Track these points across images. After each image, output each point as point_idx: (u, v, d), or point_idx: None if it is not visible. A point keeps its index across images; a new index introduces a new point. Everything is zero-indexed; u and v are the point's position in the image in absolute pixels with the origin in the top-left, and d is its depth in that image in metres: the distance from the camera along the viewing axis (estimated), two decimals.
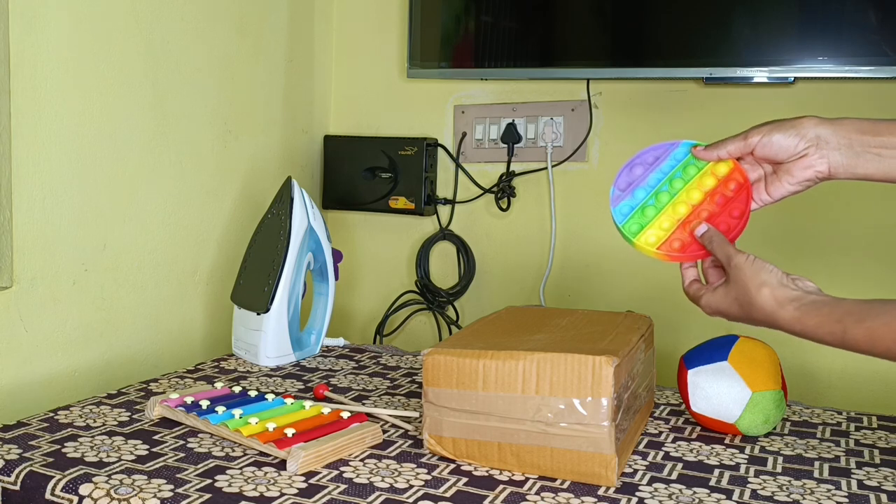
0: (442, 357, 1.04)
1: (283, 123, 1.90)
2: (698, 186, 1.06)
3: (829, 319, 0.87)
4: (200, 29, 1.64)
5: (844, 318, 0.86)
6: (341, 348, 1.62)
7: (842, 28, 1.56)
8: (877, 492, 0.99)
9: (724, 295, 0.97)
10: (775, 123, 1.02)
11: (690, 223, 1.04)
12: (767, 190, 1.04)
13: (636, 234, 1.05)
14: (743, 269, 0.95)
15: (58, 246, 1.39)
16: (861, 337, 0.85)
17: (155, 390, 1.30)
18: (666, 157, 1.09)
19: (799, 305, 0.90)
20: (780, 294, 0.92)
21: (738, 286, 0.95)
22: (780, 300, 0.91)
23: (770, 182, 1.04)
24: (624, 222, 1.06)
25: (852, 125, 0.99)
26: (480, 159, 1.93)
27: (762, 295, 0.92)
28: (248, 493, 0.93)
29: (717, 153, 1.05)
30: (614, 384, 0.97)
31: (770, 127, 1.01)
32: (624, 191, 1.08)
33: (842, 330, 0.86)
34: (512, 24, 1.82)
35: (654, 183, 1.07)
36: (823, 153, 0.99)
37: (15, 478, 0.97)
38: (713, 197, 1.05)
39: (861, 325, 0.85)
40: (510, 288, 1.92)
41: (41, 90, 1.34)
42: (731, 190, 1.05)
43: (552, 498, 0.95)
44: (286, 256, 1.47)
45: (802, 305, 0.90)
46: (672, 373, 1.33)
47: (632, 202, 1.07)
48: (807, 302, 0.90)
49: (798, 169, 1.00)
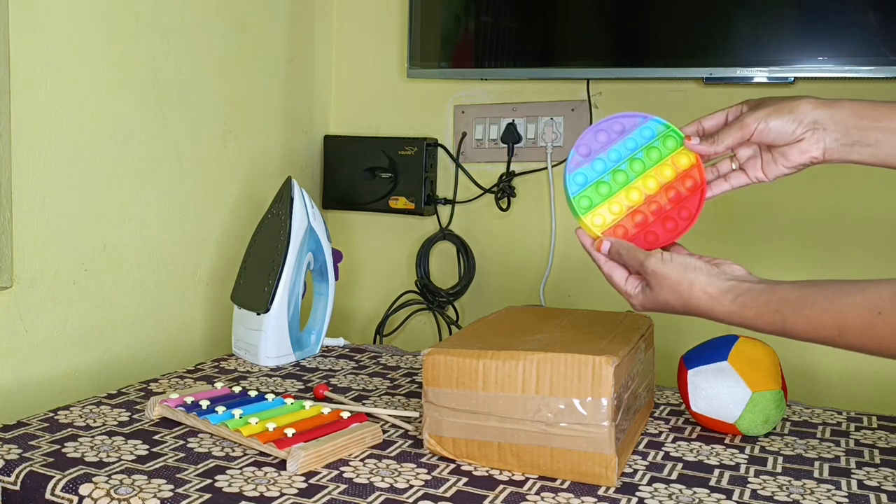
0: (442, 357, 1.04)
1: (283, 123, 1.90)
2: (655, 175, 1.05)
3: (767, 310, 0.85)
4: (200, 29, 1.64)
5: (782, 308, 0.84)
6: (341, 348, 1.62)
7: (842, 28, 1.56)
8: (877, 492, 0.99)
9: (653, 299, 0.95)
10: (771, 107, 0.99)
11: (639, 213, 1.03)
12: (763, 169, 1.03)
13: (585, 211, 1.03)
14: (662, 272, 0.93)
15: (58, 246, 1.39)
16: (801, 326, 0.83)
17: (155, 390, 1.30)
18: (632, 131, 1.06)
19: (734, 297, 0.88)
20: (711, 288, 0.90)
21: (665, 289, 0.93)
22: (713, 294, 0.89)
23: (765, 162, 1.03)
24: (576, 195, 1.04)
25: (851, 108, 0.97)
26: (480, 159, 1.93)
27: (694, 293, 0.90)
28: (248, 493, 0.93)
29: (714, 149, 1.02)
30: (614, 384, 0.97)
31: (766, 112, 0.99)
32: (585, 157, 1.05)
33: (781, 320, 0.85)
34: (512, 24, 1.82)
35: (616, 158, 1.05)
36: (819, 137, 0.97)
37: (15, 478, 0.97)
38: (667, 191, 1.04)
39: (800, 314, 0.83)
40: (510, 288, 1.92)
41: (41, 90, 1.34)
42: (686, 188, 1.04)
43: (552, 498, 0.95)
44: (286, 256, 1.47)
45: (738, 297, 0.88)
46: (672, 373, 1.33)
47: (589, 173, 1.05)
48: (741, 291, 0.88)
49: (793, 153, 0.99)
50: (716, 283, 0.90)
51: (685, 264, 0.92)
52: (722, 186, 1.07)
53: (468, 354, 1.03)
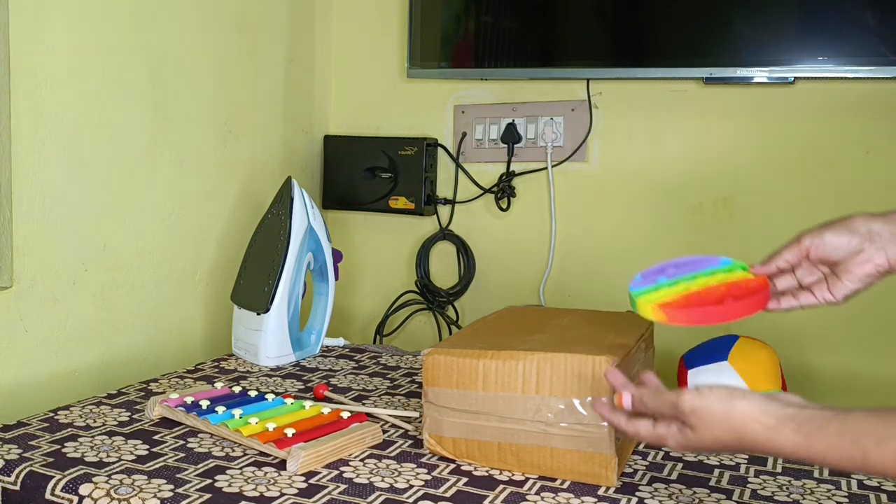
0: (442, 357, 1.04)
1: (283, 123, 1.90)
2: (720, 279, 1.00)
3: (842, 441, 0.74)
4: (200, 29, 1.64)
5: (861, 439, 0.73)
6: (341, 348, 1.62)
7: (841, 28, 1.56)
8: (877, 492, 0.99)
9: (698, 440, 0.82)
10: (825, 225, 0.98)
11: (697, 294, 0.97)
12: (830, 289, 0.98)
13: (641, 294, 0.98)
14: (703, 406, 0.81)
15: (58, 246, 1.39)
16: (888, 461, 0.72)
17: (155, 390, 1.30)
18: (702, 267, 1.02)
19: (797, 426, 0.76)
20: (767, 417, 0.77)
21: (712, 425, 0.80)
22: (770, 424, 0.77)
23: (831, 283, 0.98)
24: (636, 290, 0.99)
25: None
26: (480, 159, 1.93)
27: (747, 424, 0.78)
28: (248, 493, 0.93)
29: (775, 264, 1.00)
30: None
31: (820, 228, 0.97)
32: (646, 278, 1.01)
33: (861, 454, 0.73)
34: (512, 24, 1.82)
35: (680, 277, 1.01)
36: (879, 246, 0.94)
37: (15, 478, 0.97)
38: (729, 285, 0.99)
39: (885, 447, 0.72)
40: (510, 288, 1.92)
41: (41, 90, 1.34)
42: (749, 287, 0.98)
43: (552, 498, 0.95)
44: (286, 256, 1.47)
45: (801, 425, 0.76)
46: (672, 373, 1.33)
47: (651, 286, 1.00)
48: (804, 419, 0.76)
49: (856, 265, 0.95)
50: (772, 410, 0.78)
51: (730, 392, 0.81)
52: (790, 302, 1.01)
53: (468, 354, 1.03)
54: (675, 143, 1.76)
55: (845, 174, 1.64)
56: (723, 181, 1.73)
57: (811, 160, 1.66)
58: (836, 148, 1.65)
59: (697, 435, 0.82)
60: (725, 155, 1.72)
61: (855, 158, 1.63)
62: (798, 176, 1.68)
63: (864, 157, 1.63)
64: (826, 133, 1.65)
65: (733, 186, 1.72)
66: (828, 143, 1.65)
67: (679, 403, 0.82)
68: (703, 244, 1.75)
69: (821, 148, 1.66)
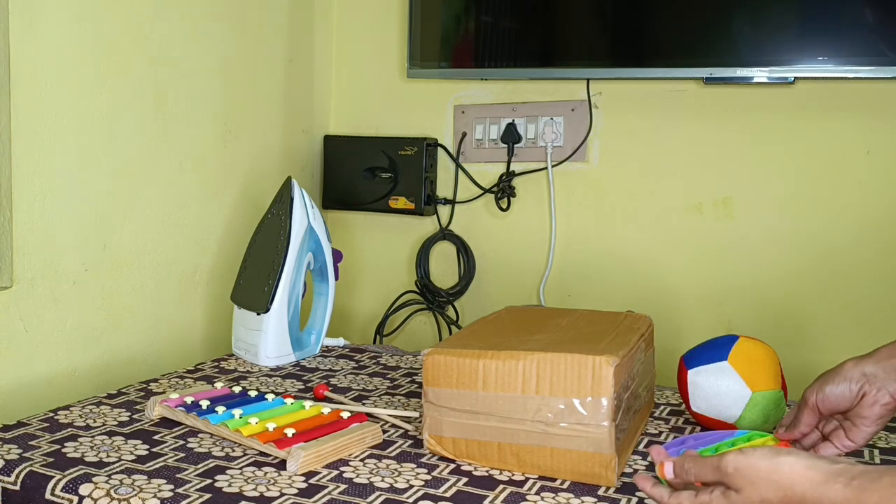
0: (442, 357, 1.04)
1: (283, 123, 1.90)
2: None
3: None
4: (200, 29, 1.64)
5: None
6: (341, 348, 1.62)
7: (841, 28, 1.56)
8: None
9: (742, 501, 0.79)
10: (822, 378, 1.02)
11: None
12: (848, 436, 1.02)
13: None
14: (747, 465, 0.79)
15: (58, 246, 1.39)
16: None
17: (155, 390, 1.30)
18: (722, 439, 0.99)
19: (849, 480, 0.73)
20: (815, 472, 0.75)
21: (758, 483, 0.78)
22: (819, 479, 0.75)
23: (848, 429, 1.02)
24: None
25: (889, 351, 0.99)
26: (480, 159, 1.93)
27: (795, 479, 0.76)
28: (248, 493, 0.93)
29: (798, 430, 1.04)
30: (614, 384, 0.97)
31: (819, 383, 1.02)
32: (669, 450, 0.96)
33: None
34: (512, 24, 1.82)
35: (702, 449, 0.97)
36: (879, 386, 0.98)
37: (15, 478, 0.97)
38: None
39: None
40: (510, 288, 1.92)
41: (41, 90, 1.34)
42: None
43: (552, 498, 0.95)
44: (286, 256, 1.47)
45: (853, 480, 0.73)
46: (672, 373, 1.33)
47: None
48: (856, 474, 0.74)
49: (865, 409, 1.00)
50: (819, 465, 0.76)
51: (774, 450, 0.79)
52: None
53: (468, 354, 1.03)
54: (676, 143, 1.76)
55: (845, 174, 1.64)
56: (723, 181, 1.73)
57: (811, 160, 1.66)
58: (837, 148, 1.65)
59: (742, 496, 0.79)
60: (725, 155, 1.73)
61: (855, 158, 1.63)
62: (798, 176, 1.68)
63: (864, 157, 1.63)
64: (826, 133, 1.65)
65: (733, 186, 1.72)
66: (828, 143, 1.65)
67: (722, 465, 0.81)
68: (703, 244, 1.75)
69: (821, 148, 1.66)
